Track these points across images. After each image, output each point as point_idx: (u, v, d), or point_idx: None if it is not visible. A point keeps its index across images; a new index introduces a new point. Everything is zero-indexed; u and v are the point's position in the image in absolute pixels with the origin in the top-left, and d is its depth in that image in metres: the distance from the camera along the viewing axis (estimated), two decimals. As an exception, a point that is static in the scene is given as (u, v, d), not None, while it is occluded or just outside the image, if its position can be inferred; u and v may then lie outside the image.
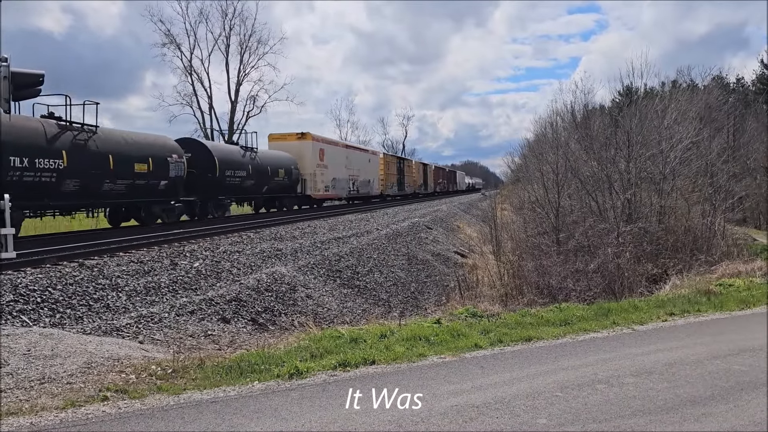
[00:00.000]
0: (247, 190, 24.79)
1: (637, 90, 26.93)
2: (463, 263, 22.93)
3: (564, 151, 21.42)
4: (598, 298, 12.54)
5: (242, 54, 51.26)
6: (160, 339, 8.06)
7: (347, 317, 12.36)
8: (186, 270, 11.61)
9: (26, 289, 8.75)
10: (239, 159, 23.90)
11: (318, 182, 31.28)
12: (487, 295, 15.49)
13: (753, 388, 5.19)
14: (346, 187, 36.81)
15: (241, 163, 23.88)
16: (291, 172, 28.41)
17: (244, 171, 23.88)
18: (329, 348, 6.59)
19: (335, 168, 34.27)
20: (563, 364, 6.05)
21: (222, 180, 22.28)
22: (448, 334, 7.17)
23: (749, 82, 51.13)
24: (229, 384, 5.46)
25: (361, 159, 41.27)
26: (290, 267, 13.75)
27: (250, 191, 25.10)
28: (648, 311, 8.70)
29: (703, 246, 17.43)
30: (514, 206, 37.04)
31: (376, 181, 44.37)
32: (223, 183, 22.45)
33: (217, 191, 22.48)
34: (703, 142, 21.56)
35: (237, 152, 24.29)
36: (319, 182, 31.50)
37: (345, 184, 36.54)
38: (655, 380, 5.44)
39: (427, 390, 5.19)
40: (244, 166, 24.02)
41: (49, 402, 4.87)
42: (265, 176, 25.70)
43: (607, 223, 17.24)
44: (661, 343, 6.89)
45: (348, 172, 37.41)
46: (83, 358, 6.07)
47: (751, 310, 8.91)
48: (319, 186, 31.43)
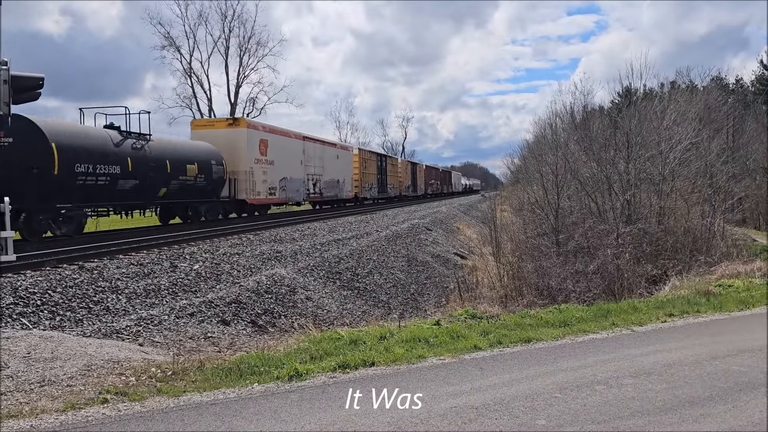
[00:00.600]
0: (126, 195, 17.10)
1: (636, 91, 26.98)
2: (463, 265, 22.95)
3: (563, 152, 21.46)
4: (597, 299, 12.55)
5: (241, 56, 51.22)
6: (159, 341, 8.07)
7: (347, 319, 12.36)
8: (186, 272, 11.62)
9: (26, 291, 8.76)
10: (106, 148, 16.25)
11: (258, 183, 24.41)
12: (487, 297, 15.51)
13: (752, 389, 5.20)
14: (302, 189, 29.52)
15: (112, 154, 16.35)
16: (209, 169, 20.93)
17: (118, 166, 16.42)
18: (329, 350, 6.60)
19: (285, 165, 27.25)
20: (562, 365, 6.06)
21: (66, 179, 14.75)
22: (447, 336, 7.18)
23: (748, 82, 51.24)
24: (229, 386, 5.47)
25: (327, 155, 33.87)
26: (290, 269, 13.76)
27: (131, 195, 17.32)
28: (647, 312, 8.70)
29: (703, 247, 17.45)
30: (513, 207, 37.06)
31: (348, 182, 37.83)
32: (67, 183, 14.85)
33: (56, 196, 14.68)
34: (703, 143, 21.59)
35: (102, 138, 16.38)
36: (260, 183, 24.61)
37: (300, 186, 29.32)
38: (653, 381, 5.45)
39: (426, 391, 5.20)
40: (120, 158, 16.53)
41: (49, 404, 4.88)
42: (162, 174, 18.28)
43: (607, 224, 17.26)
44: (660, 344, 6.90)
45: (306, 170, 30.28)
46: (83, 360, 6.08)
47: (751, 310, 8.92)
48: (259, 188, 24.53)
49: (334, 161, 35.10)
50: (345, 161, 37.53)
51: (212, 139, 23.02)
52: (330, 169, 34.03)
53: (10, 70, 7.24)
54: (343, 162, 36.89)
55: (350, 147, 40.82)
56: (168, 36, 49.02)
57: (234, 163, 23.04)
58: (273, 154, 25.81)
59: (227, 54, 50.76)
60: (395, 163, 52.34)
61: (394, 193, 49.64)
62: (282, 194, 26.98)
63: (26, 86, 7.73)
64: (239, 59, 51.38)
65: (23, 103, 8.12)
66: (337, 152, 36.17)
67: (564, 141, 24.20)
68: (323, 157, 32.88)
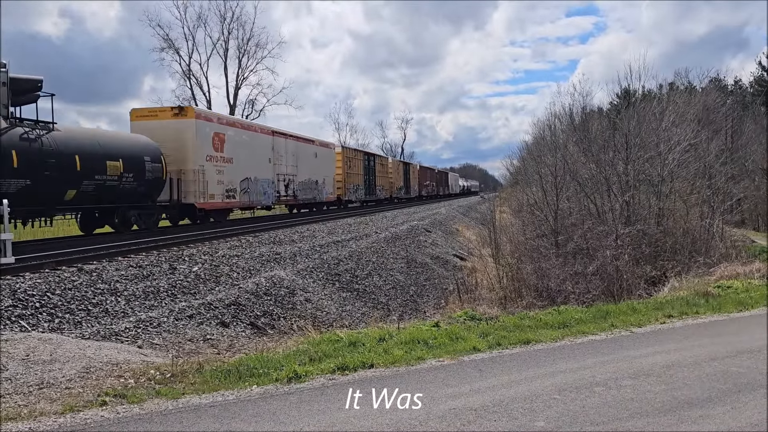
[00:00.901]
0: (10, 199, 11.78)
1: (635, 92, 27.01)
2: (462, 266, 22.96)
3: (562, 153, 21.48)
4: (596, 301, 12.56)
5: (240, 58, 51.14)
6: (158, 343, 8.07)
7: (346, 321, 12.36)
8: (185, 274, 11.62)
9: (25, 294, 8.75)
10: None
11: (211, 184, 20.33)
12: (486, 298, 15.52)
13: (751, 390, 5.20)
14: (271, 191, 25.67)
15: None
16: (141, 166, 16.83)
17: None
18: (328, 352, 6.60)
19: (249, 163, 23.47)
20: (561, 366, 6.06)
21: None
22: (446, 338, 7.18)
23: (747, 84, 51.32)
24: (228, 388, 5.47)
25: (303, 153, 29.77)
26: (289, 271, 13.76)
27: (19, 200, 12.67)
28: (646, 313, 8.71)
29: (702, 248, 17.47)
30: (512, 209, 37.07)
31: (329, 183, 33.88)
32: None
33: None
34: (701, 144, 21.63)
35: None
36: (214, 184, 20.58)
37: (269, 187, 25.46)
38: (653, 382, 5.45)
39: (425, 393, 5.20)
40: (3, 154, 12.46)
41: (48, 407, 4.87)
42: (69, 173, 14.22)
43: (606, 226, 17.27)
44: (659, 346, 6.90)
45: (276, 169, 26.35)
46: (82, 363, 6.08)
47: (750, 311, 8.93)
48: (213, 190, 20.48)
49: (312, 160, 31.05)
50: (325, 160, 33.51)
51: (154, 131, 18.89)
52: (306, 168, 30.19)
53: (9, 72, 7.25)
54: (322, 161, 32.93)
55: (332, 144, 36.34)
56: (167, 38, 48.97)
57: (180, 160, 19.11)
58: (232, 150, 22.01)
59: (226, 56, 50.75)
60: (385, 162, 48.63)
61: (383, 195, 46.00)
62: (244, 197, 23.13)
63: (25, 88, 7.74)
64: (238, 61, 51.36)
65: (22, 105, 8.11)
66: (315, 150, 32.07)
67: (563, 142, 24.23)
68: (298, 154, 29.06)
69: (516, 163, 44.25)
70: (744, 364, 6.01)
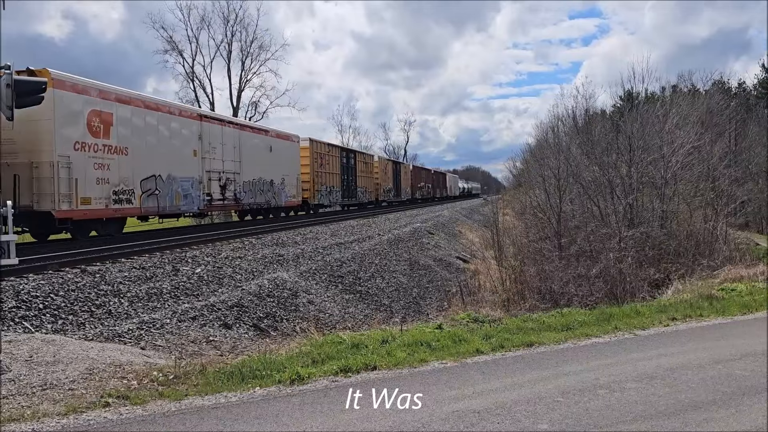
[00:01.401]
0: None
1: (638, 95, 26.98)
2: (465, 268, 22.94)
3: (565, 155, 21.44)
4: (600, 303, 12.52)
5: (244, 60, 51.15)
6: (161, 345, 8.07)
7: (349, 323, 12.36)
8: (188, 276, 11.63)
9: (28, 295, 8.77)
10: None
11: (83, 183, 14.31)
12: (489, 300, 15.49)
13: (755, 393, 5.18)
14: (196, 193, 19.33)
15: None
16: None
17: None
18: (331, 353, 6.59)
19: (155, 155, 17.21)
20: (565, 369, 6.04)
21: None
22: (449, 340, 7.17)
23: (751, 86, 51.24)
24: (231, 390, 5.47)
25: (250, 145, 23.33)
26: (292, 272, 13.76)
27: None
28: (650, 316, 8.69)
29: (706, 251, 17.42)
30: (515, 211, 37.03)
31: (291, 184, 27.31)
32: None
33: None
34: (705, 147, 21.59)
35: None
36: (89, 183, 14.52)
37: (193, 189, 19.16)
38: (656, 385, 5.43)
39: (428, 395, 5.19)
40: None
41: (51, 408, 4.88)
42: None
43: (609, 228, 17.24)
44: (663, 348, 6.88)
45: (206, 165, 19.92)
46: (85, 364, 6.08)
47: (754, 314, 8.89)
48: (88, 191, 14.42)
49: (264, 155, 24.59)
50: (285, 155, 26.94)
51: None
52: (256, 165, 23.63)
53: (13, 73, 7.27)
54: (281, 156, 26.35)
55: (295, 137, 28.66)
56: (171, 40, 49.04)
57: (30, 149, 13.37)
58: (127, 136, 15.98)
59: (229, 58, 50.79)
60: (369, 160, 42.07)
61: (367, 198, 39.85)
62: (149, 202, 16.87)
63: (29, 90, 7.75)
64: (241, 63, 51.37)
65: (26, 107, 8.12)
66: (270, 142, 25.30)
67: (566, 145, 24.19)
68: (241, 147, 22.37)
69: (519, 165, 44.31)
70: (748, 367, 5.99)
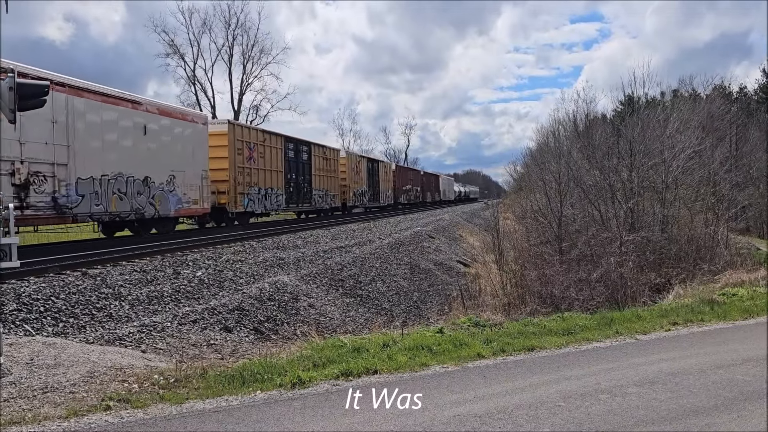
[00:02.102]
0: None
1: (639, 99, 27.01)
2: (466, 272, 22.93)
3: (566, 160, 21.47)
4: (601, 308, 12.50)
5: (245, 64, 51.28)
6: (162, 348, 8.07)
7: (350, 326, 12.35)
8: (189, 279, 11.63)
9: (29, 298, 8.78)
10: None
11: None
12: (490, 305, 15.47)
13: (756, 398, 5.17)
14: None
15: None
16: None
17: None
18: (332, 357, 6.59)
19: None
20: (566, 373, 6.04)
21: None
22: (450, 344, 7.16)
23: (752, 91, 51.25)
24: (232, 393, 5.47)
25: (98, 121, 14.69)
26: (293, 276, 13.76)
27: None
28: (651, 321, 8.67)
29: (707, 255, 17.39)
30: (516, 215, 37.02)
31: (190, 186, 18.62)
32: None
33: None
34: (706, 152, 21.59)
35: None
36: None
37: None
38: (658, 390, 5.42)
39: (429, 399, 5.18)
40: None
41: (52, 411, 4.88)
42: None
43: (610, 233, 17.22)
44: (664, 353, 6.87)
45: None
46: (86, 367, 6.08)
47: (755, 319, 8.88)
48: None
49: (131, 138, 15.95)
50: (177, 142, 18.07)
51: None
52: (109, 152, 15.12)
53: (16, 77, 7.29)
54: (167, 143, 17.53)
55: (199, 116, 20.16)
56: (172, 43, 49.16)
57: None
58: None
59: (231, 62, 50.99)
60: (332, 156, 33.06)
61: (328, 203, 32.31)
62: None
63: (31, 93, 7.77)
64: (243, 67, 51.54)
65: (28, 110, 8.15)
66: (141, 119, 16.38)
67: (567, 149, 24.24)
68: (73, 122, 13.80)
69: (520, 169, 44.31)
70: (750, 372, 5.98)
